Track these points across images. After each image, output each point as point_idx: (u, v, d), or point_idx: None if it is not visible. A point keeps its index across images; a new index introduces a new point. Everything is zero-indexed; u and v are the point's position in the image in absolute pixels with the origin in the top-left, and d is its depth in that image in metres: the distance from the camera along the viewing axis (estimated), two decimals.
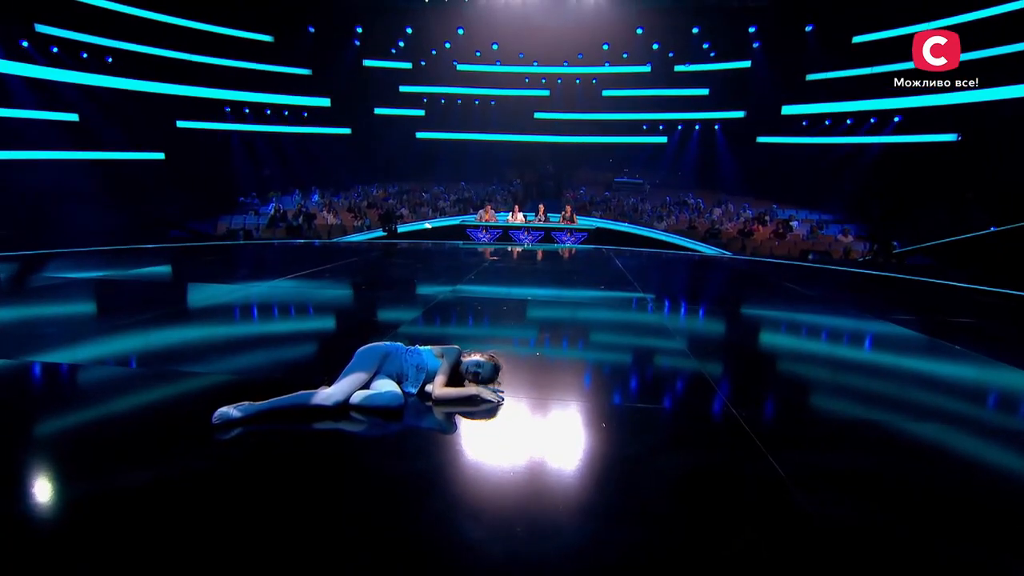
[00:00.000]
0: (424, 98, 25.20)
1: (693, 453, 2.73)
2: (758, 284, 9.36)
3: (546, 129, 25.39)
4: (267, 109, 22.81)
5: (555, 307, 6.51)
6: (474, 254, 12.44)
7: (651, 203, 22.15)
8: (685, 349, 4.54)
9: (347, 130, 24.41)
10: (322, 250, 12.92)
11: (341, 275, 8.36)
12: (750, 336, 5.62)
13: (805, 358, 4.76)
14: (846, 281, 10.40)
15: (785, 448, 2.75)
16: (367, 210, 19.61)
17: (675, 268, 11.91)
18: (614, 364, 4.34)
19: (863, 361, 4.78)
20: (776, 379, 4.13)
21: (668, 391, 3.65)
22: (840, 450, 2.85)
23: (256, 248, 12.89)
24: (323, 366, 3.65)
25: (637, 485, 2.36)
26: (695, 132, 25.05)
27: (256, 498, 2.17)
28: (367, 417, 2.90)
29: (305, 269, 8.66)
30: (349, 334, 4.85)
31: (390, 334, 4.52)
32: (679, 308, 6.69)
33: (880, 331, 5.70)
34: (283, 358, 4.10)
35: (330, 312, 5.86)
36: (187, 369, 3.64)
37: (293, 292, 6.64)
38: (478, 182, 24.07)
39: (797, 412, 3.40)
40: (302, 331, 5.04)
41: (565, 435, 2.85)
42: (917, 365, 4.59)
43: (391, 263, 10.35)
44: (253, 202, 20.44)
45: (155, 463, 2.39)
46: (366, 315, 5.79)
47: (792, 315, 6.50)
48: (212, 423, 2.69)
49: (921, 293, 9.00)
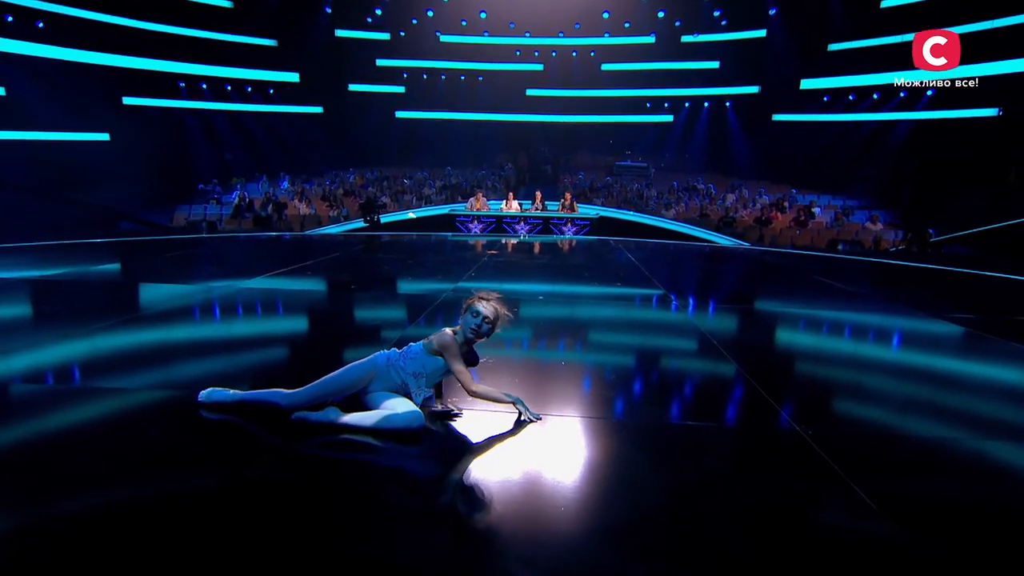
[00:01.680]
0: (404, 73, 24.93)
1: (761, 480, 2.56)
2: (788, 279, 9.25)
3: (540, 107, 25.24)
4: (227, 85, 22.40)
5: (571, 306, 6.33)
6: (468, 247, 12.24)
7: (657, 188, 22.09)
8: (727, 355, 4.38)
9: (318, 109, 24.11)
10: (297, 244, 12.65)
11: (325, 273, 8.13)
12: (796, 340, 5.48)
13: (865, 365, 4.61)
14: (883, 274, 10.33)
15: (867, 472, 2.59)
16: (344, 199, 19.34)
17: (692, 261, 11.79)
18: (652, 375, 4.17)
19: (931, 367, 4.66)
20: (838, 390, 3.98)
21: (720, 406, 3.49)
22: (932, 474, 2.70)
23: (222, 242, 12.59)
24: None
25: (703, 522, 2.19)
26: (704, 110, 25.05)
27: (227, 548, 1.96)
28: (382, 442, 2.71)
29: (283, 266, 8.42)
30: (344, 342, 4.64)
31: (392, 342, 4.32)
32: (708, 307, 6.54)
33: (941, 332, 5.58)
34: (264, 372, 3.88)
35: (319, 317, 5.64)
36: (148, 386, 3.42)
37: (274, 293, 6.41)
38: (466, 167, 23.87)
39: (871, 428, 3.25)
40: (288, 340, 4.82)
41: (613, 462, 2.68)
42: (995, 372, 4.47)
43: (378, 258, 10.13)
44: (214, 190, 20.09)
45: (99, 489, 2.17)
46: (361, 320, 5.58)
47: (837, 314, 6.36)
48: (198, 400, 2.98)
49: (970, 287, 8.94)
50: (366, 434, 2.76)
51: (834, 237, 16.83)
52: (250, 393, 2.97)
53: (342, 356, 4.11)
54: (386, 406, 2.86)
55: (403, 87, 25.07)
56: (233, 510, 2.19)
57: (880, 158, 20.63)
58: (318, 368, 3.06)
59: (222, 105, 22.32)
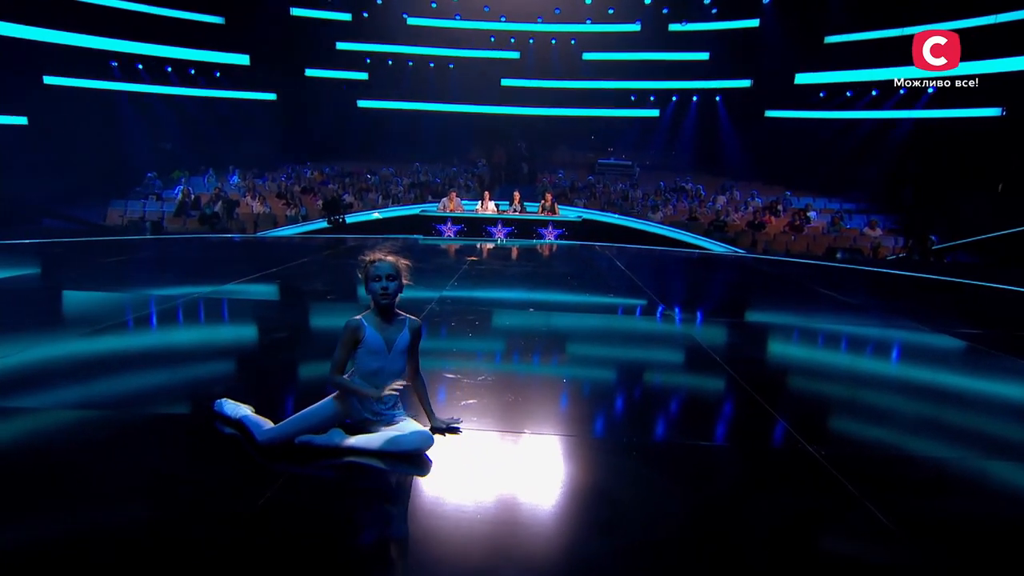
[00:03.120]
0: (367, 58, 24.90)
1: (779, 500, 2.78)
2: (788, 290, 9.61)
3: (516, 99, 25.48)
4: (167, 66, 22.01)
5: (564, 319, 6.53)
6: (444, 252, 12.39)
7: (642, 189, 22.50)
8: (732, 372, 4.62)
9: (271, 95, 23.91)
10: (257, 247, 12.65)
11: (298, 281, 8.21)
12: (801, 356, 5.76)
13: (872, 382, 4.90)
14: (885, 285, 10.79)
15: (882, 492, 2.83)
16: (302, 196, 19.30)
17: (684, 270, 12.12)
18: (656, 393, 4.39)
19: (939, 385, 4.96)
20: (846, 409, 4.24)
21: (729, 425, 3.71)
22: (946, 493, 2.95)
23: (172, 244, 12.52)
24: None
25: (726, 543, 2.39)
26: (692, 104, 25.54)
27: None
28: (389, 465, 2.86)
29: (249, 273, 8.44)
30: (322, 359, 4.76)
31: None
32: (706, 321, 6.81)
33: (947, 348, 5.93)
34: (221, 392, 3.99)
35: (294, 330, 5.73)
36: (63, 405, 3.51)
37: (247, 305, 6.48)
38: (435, 163, 23.98)
39: (882, 448, 3.50)
40: (255, 355, 4.91)
41: (626, 481, 2.86)
42: (1002, 390, 4.79)
43: (351, 264, 10.20)
44: (153, 183, 19.82)
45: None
46: None
47: (841, 329, 6.68)
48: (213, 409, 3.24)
49: (975, 300, 9.41)
50: (372, 457, 2.90)
51: (831, 244, 17.38)
52: (247, 416, 3.10)
53: (310, 376, 4.24)
54: (395, 428, 3.02)
55: (366, 73, 25.02)
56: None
57: (879, 159, 21.31)
58: (285, 390, 3.21)
59: (161, 88, 21.92)
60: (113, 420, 3.34)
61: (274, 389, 3.98)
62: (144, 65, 21.54)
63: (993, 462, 3.33)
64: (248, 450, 2.94)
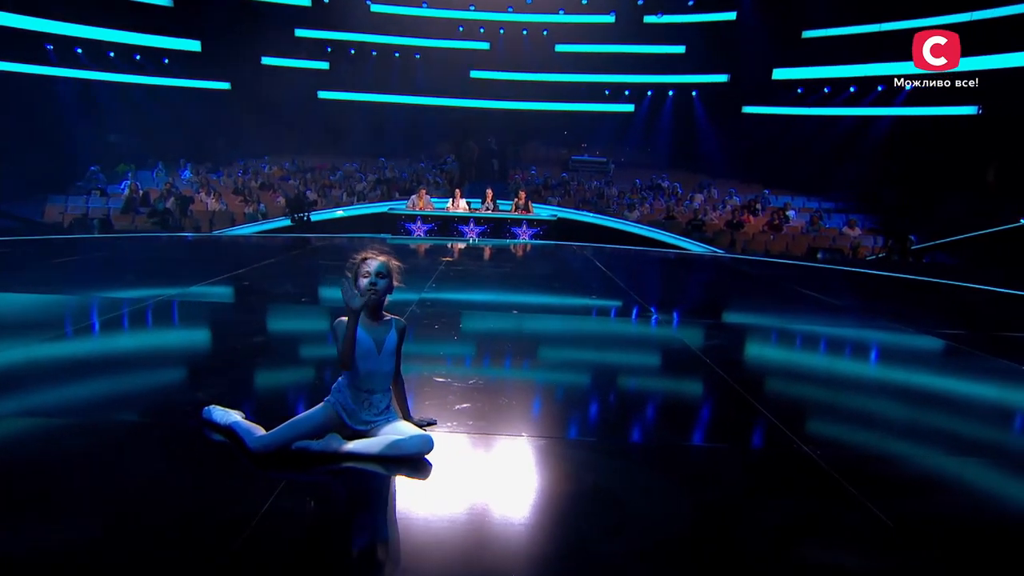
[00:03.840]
0: (328, 47, 24.81)
1: (780, 500, 2.94)
2: (771, 291, 9.91)
3: (486, 92, 25.60)
4: (109, 51, 21.60)
5: (550, 322, 6.69)
6: (415, 253, 12.44)
7: (618, 187, 22.82)
8: (722, 375, 4.81)
9: (225, 85, 23.68)
10: (216, 247, 12.56)
11: (268, 283, 8.21)
12: (788, 357, 5.99)
13: (858, 383, 5.14)
14: (866, 286, 11.18)
15: (882, 493, 3.02)
16: (260, 193, 19.16)
17: (666, 271, 12.39)
18: (650, 395, 4.55)
19: (925, 385, 5.23)
20: (839, 410, 4.45)
21: (724, 427, 3.88)
22: (944, 493, 3.16)
23: (122, 243, 12.35)
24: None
25: (732, 537, 2.55)
26: (668, 99, 26.00)
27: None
28: (388, 470, 2.95)
29: (215, 274, 8.40)
30: (300, 366, 4.83)
31: None
32: (693, 322, 7.02)
33: (932, 349, 6.23)
34: (185, 400, 4.04)
35: (279, 338, 5.78)
36: None
37: (219, 308, 6.48)
38: (402, 158, 24.00)
39: (877, 449, 3.71)
40: (245, 366, 4.95)
41: (627, 483, 3.00)
42: (986, 390, 5.07)
43: (322, 265, 10.26)
44: (96, 178, 19.45)
45: None
46: (318, 339, 5.75)
47: (827, 330, 6.96)
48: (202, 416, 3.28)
49: (956, 300, 9.83)
50: (372, 462, 2.98)
51: (811, 243, 17.88)
52: (237, 423, 3.14)
53: (296, 381, 4.32)
54: (390, 431, 3.11)
55: (327, 63, 24.92)
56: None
57: (857, 157, 21.95)
58: (266, 395, 3.27)
59: (104, 75, 21.51)
60: (88, 428, 3.34)
61: (256, 395, 4.03)
62: (84, 49, 21.05)
63: (970, 459, 3.56)
64: (241, 458, 3.00)
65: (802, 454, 3.39)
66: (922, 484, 3.22)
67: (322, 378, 4.26)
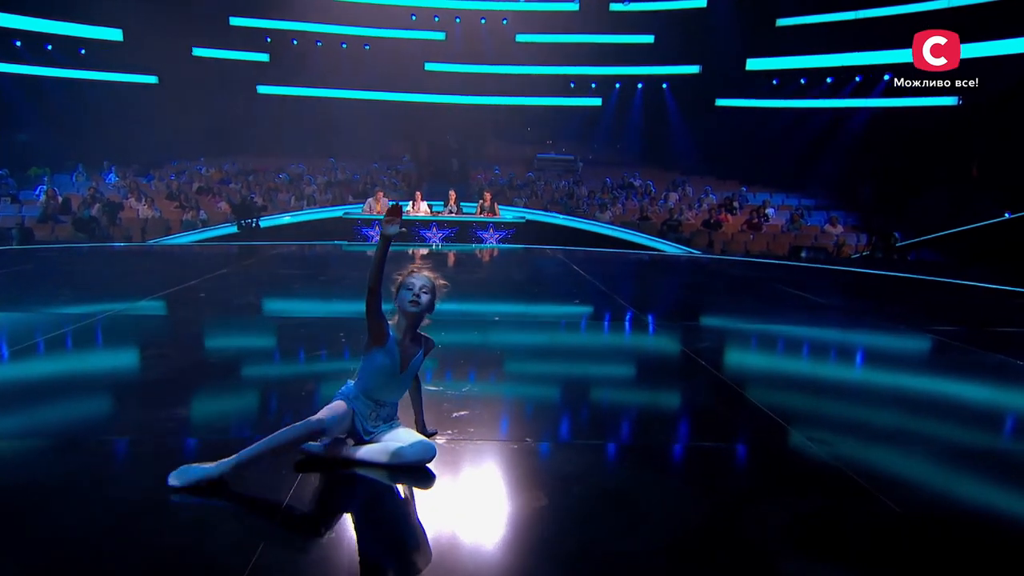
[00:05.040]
0: (267, 37, 24.75)
1: (792, 495, 3.18)
2: (758, 293, 10.29)
3: (442, 86, 25.82)
4: (16, 39, 21.21)
5: (537, 331, 6.92)
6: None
7: (588, 186, 23.21)
8: (720, 376, 5.10)
9: (152, 79, 23.42)
10: (157, 257, 12.46)
11: (226, 294, 8.25)
12: (785, 356, 6.34)
13: (859, 381, 5.49)
14: (853, 284, 11.69)
15: (890, 486, 3.30)
16: (199, 198, 19.01)
17: (647, 274, 12.75)
18: (652, 398, 4.80)
19: (926, 381, 5.60)
20: (840, 407, 4.76)
21: (730, 426, 4.14)
22: (954, 484, 3.46)
23: (48, 255, 12.18)
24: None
25: (746, 532, 2.78)
26: (638, 92, 26.58)
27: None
28: (391, 477, 3.13)
29: (164, 287, 8.38)
30: (275, 390, 4.94)
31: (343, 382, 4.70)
32: (684, 327, 7.32)
33: (926, 345, 6.62)
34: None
35: (246, 354, 5.86)
36: None
37: (176, 322, 6.53)
38: (353, 158, 24.03)
39: (883, 443, 4.01)
40: (215, 386, 5.04)
41: (638, 486, 3.23)
42: (988, 384, 5.45)
43: (280, 275, 10.30)
44: (6, 182, 19.03)
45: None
46: (295, 353, 5.85)
47: (817, 330, 7.37)
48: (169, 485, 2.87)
49: (945, 297, 10.37)
50: (374, 468, 3.15)
51: (792, 242, 18.45)
52: (240, 455, 2.96)
53: (274, 396, 4.45)
54: (391, 438, 3.26)
55: (267, 54, 24.91)
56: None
57: (836, 152, 22.70)
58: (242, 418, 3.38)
59: (9, 67, 21.15)
60: (66, 448, 3.44)
61: (231, 419, 4.16)
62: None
63: (975, 451, 3.88)
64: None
65: (808, 451, 3.66)
66: (930, 477, 3.52)
67: (310, 392, 4.42)
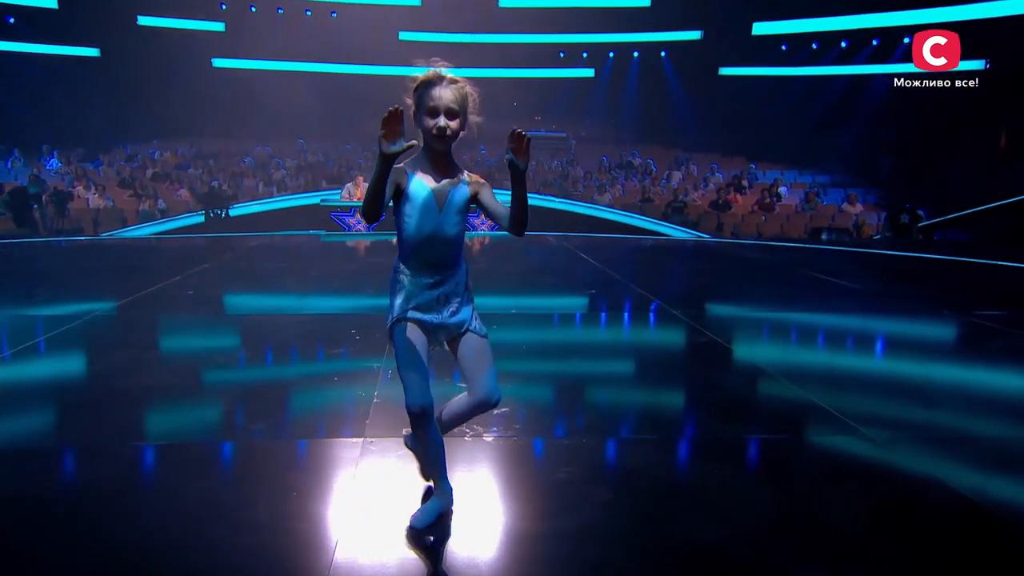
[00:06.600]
0: (223, 4, 24.53)
1: (862, 485, 3.45)
2: (784, 279, 10.61)
3: (418, 57, 25.19)
4: None
5: (560, 325, 7.16)
6: (358, 251, 12.69)
7: (583, 166, 23.43)
8: (759, 366, 5.36)
9: (93, 51, 23.14)
10: (122, 252, 12.47)
11: (213, 289, 8.36)
12: (833, 349, 6.61)
13: (906, 367, 5.78)
14: (882, 267, 12.02)
15: (960, 471, 3.58)
16: (156, 186, 19.01)
17: (661, 261, 13.04)
18: (698, 393, 5.05)
19: (982, 368, 5.87)
20: (895, 395, 5.03)
21: (785, 420, 4.39)
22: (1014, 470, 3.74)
23: None
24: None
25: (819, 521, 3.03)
26: (633, 61, 26.70)
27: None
28: None
29: (146, 285, 8.45)
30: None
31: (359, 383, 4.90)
32: (717, 318, 7.61)
33: (975, 332, 6.94)
34: None
35: (266, 358, 6.03)
36: None
37: (168, 325, 6.69)
38: (324, 139, 24.03)
39: (944, 431, 4.29)
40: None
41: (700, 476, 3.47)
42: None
43: (268, 269, 10.43)
44: None
45: None
46: (310, 353, 6.02)
47: (857, 317, 7.67)
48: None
49: (983, 279, 10.74)
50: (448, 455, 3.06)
51: (808, 223, 18.83)
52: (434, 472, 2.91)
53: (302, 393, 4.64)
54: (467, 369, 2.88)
55: (222, 24, 24.61)
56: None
57: (852, 123, 22.91)
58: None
59: None
60: None
61: (272, 416, 4.35)
62: None
63: None
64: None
65: (867, 439, 3.92)
66: (997, 464, 3.80)
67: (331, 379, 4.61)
